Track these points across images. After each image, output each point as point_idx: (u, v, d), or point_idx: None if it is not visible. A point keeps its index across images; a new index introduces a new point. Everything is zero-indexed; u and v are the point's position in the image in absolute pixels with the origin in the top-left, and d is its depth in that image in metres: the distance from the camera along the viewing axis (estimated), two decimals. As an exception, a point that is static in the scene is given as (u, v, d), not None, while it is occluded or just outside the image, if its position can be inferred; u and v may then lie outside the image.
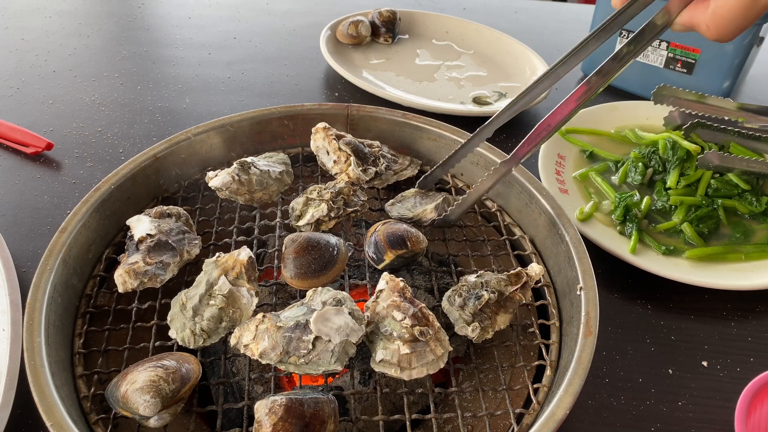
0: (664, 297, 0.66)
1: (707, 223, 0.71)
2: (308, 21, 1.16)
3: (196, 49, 1.05)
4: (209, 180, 0.61)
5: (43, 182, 0.74)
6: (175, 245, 0.54)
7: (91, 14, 1.13)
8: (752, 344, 0.62)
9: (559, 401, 0.45)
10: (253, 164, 0.62)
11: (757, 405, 0.49)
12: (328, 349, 0.45)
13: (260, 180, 0.61)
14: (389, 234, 0.55)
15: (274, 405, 0.41)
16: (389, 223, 0.57)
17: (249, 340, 0.46)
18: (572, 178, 0.78)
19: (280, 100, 0.93)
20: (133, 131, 0.84)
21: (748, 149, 0.77)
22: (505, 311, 0.52)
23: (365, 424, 0.51)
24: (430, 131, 0.69)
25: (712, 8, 0.43)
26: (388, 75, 1.00)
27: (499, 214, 0.65)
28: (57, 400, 0.43)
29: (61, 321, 0.51)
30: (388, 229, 0.55)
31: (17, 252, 0.64)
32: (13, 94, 0.89)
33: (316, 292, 0.49)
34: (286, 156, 0.67)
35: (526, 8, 1.32)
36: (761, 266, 0.67)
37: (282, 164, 0.65)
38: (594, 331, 0.49)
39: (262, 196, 0.61)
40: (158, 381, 0.43)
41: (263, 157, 0.66)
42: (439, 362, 0.47)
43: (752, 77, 1.06)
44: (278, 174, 0.63)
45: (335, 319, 0.46)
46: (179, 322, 0.49)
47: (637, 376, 0.58)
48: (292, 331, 0.46)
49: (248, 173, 0.61)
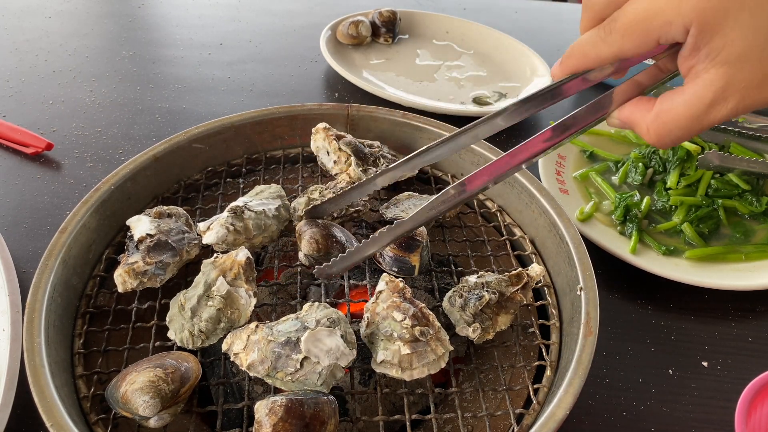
0: (664, 297, 0.66)
1: (707, 224, 0.71)
2: (308, 21, 1.16)
3: (196, 49, 1.05)
4: (202, 234, 0.55)
5: (43, 182, 0.74)
6: (175, 245, 0.54)
7: (91, 14, 1.13)
8: (752, 344, 0.62)
9: (559, 401, 0.45)
10: (246, 207, 0.56)
11: (757, 405, 0.49)
12: (316, 371, 0.44)
13: (257, 224, 0.56)
14: (398, 243, 0.55)
15: (274, 405, 0.41)
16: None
17: (239, 349, 0.46)
18: (572, 178, 0.78)
19: (280, 100, 0.93)
20: (133, 131, 0.84)
21: (748, 149, 0.77)
22: (506, 312, 0.52)
23: (365, 425, 0.50)
24: (430, 131, 0.69)
25: (656, 111, 0.39)
26: (389, 75, 1.00)
27: (499, 214, 0.65)
28: (57, 400, 0.43)
29: (61, 321, 0.51)
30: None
31: (17, 252, 0.64)
32: (13, 94, 0.89)
33: (312, 306, 0.48)
34: (279, 187, 0.62)
35: (526, 8, 1.32)
36: (761, 266, 0.67)
37: (277, 198, 0.60)
38: (594, 331, 0.49)
39: (263, 240, 0.57)
40: (158, 381, 0.43)
41: (255, 195, 0.60)
42: (440, 362, 0.47)
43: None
44: (275, 211, 0.58)
45: (327, 341, 0.45)
46: (178, 323, 0.49)
47: (638, 376, 0.58)
48: (282, 347, 0.45)
49: (242, 219, 0.55)
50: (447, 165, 0.70)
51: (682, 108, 0.37)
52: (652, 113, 0.39)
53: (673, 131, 0.38)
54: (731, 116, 0.37)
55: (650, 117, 0.39)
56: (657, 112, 0.39)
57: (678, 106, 0.38)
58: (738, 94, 0.36)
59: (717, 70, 0.35)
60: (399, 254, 0.55)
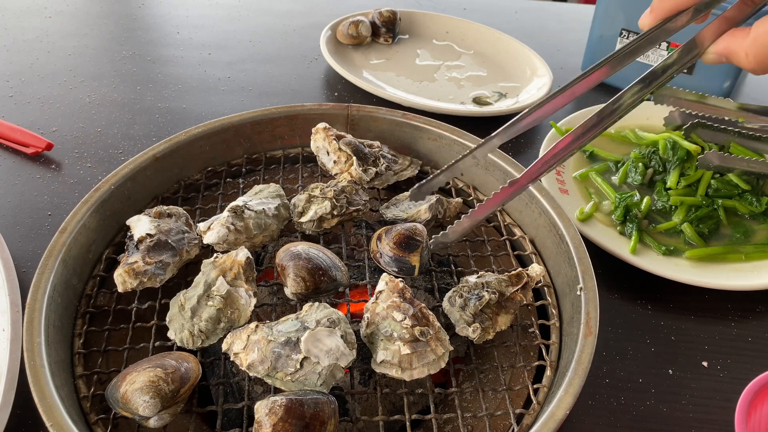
0: (664, 297, 0.66)
1: (707, 224, 0.71)
2: (308, 21, 1.16)
3: (196, 49, 1.05)
4: (202, 234, 0.55)
5: (43, 182, 0.74)
6: (175, 245, 0.54)
7: (91, 14, 1.13)
8: (752, 344, 0.62)
9: (559, 401, 0.45)
10: (246, 207, 0.56)
11: (757, 405, 0.49)
12: (316, 371, 0.44)
13: (257, 223, 0.56)
14: (397, 243, 0.55)
15: (274, 405, 0.41)
16: (384, 235, 0.57)
17: (239, 349, 0.46)
18: (572, 178, 0.78)
19: (280, 100, 0.93)
20: (133, 131, 0.83)
21: (748, 149, 0.77)
22: (506, 312, 0.52)
23: (365, 425, 0.51)
24: (430, 131, 0.69)
25: (753, 36, 0.40)
26: (389, 75, 1.00)
27: (499, 214, 0.65)
28: (57, 400, 0.43)
29: (61, 321, 0.51)
30: (391, 240, 0.55)
31: (17, 252, 0.64)
32: (13, 94, 0.89)
33: (312, 307, 0.48)
34: (278, 186, 0.62)
35: (526, 8, 1.32)
36: (761, 266, 0.67)
37: (276, 197, 0.60)
38: (594, 331, 0.49)
39: (263, 239, 0.57)
40: (158, 381, 0.43)
41: (254, 194, 0.60)
42: (440, 362, 0.47)
43: (752, 77, 1.06)
44: (275, 210, 0.58)
45: (326, 341, 0.45)
46: (178, 323, 0.49)
47: (638, 376, 0.58)
48: (282, 347, 0.45)
49: (243, 218, 0.55)
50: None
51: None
52: (749, 38, 0.40)
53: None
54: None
55: (747, 42, 0.40)
56: (754, 36, 0.40)
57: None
58: None
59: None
60: (399, 254, 0.55)
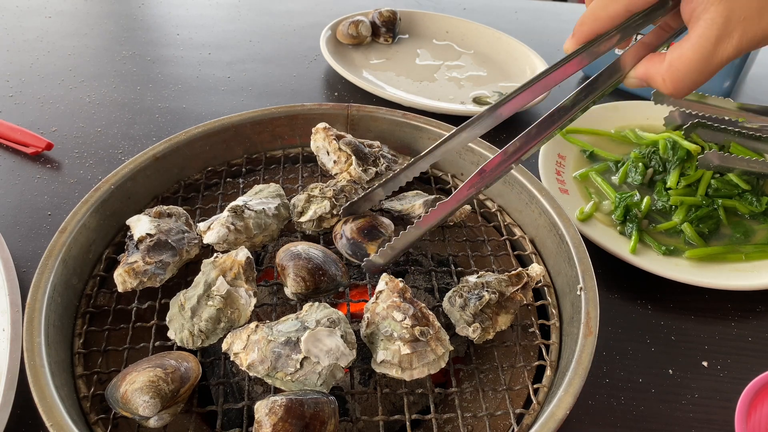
0: (664, 297, 0.66)
1: (707, 223, 0.71)
2: (308, 21, 1.16)
3: (196, 49, 1.05)
4: (202, 234, 0.55)
5: (43, 182, 0.74)
6: (175, 245, 0.54)
7: (91, 14, 1.13)
8: (752, 344, 0.62)
9: (559, 401, 0.45)
10: (246, 206, 0.56)
11: (757, 405, 0.49)
12: (316, 371, 0.44)
13: (257, 223, 0.56)
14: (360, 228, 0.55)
15: (274, 405, 0.41)
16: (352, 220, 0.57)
17: (239, 349, 0.46)
18: (572, 178, 0.78)
19: (280, 100, 0.93)
20: (133, 131, 0.83)
21: (748, 149, 0.77)
22: (506, 312, 0.52)
23: (365, 425, 0.50)
24: (430, 131, 0.69)
25: (668, 61, 0.41)
26: (389, 75, 1.00)
27: (499, 214, 0.65)
28: (57, 400, 0.43)
29: (61, 321, 0.51)
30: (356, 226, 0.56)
31: (17, 252, 0.64)
32: (14, 94, 0.89)
33: (313, 306, 0.48)
34: (278, 186, 0.62)
35: (526, 8, 1.32)
36: (761, 266, 0.67)
37: (276, 197, 0.60)
38: (594, 331, 0.49)
39: (263, 239, 0.57)
40: (157, 381, 0.43)
41: (254, 194, 0.60)
42: (440, 362, 0.47)
43: (752, 77, 1.06)
44: (274, 210, 0.58)
45: (327, 341, 0.45)
46: (178, 323, 0.49)
47: (638, 376, 0.58)
48: (282, 347, 0.45)
49: (243, 218, 0.55)
50: (447, 165, 0.70)
51: (690, 52, 0.40)
52: (665, 64, 0.42)
53: (688, 75, 0.41)
54: (739, 52, 0.39)
55: (663, 68, 0.42)
56: (669, 61, 0.41)
57: (687, 51, 0.40)
58: (740, 26, 0.38)
59: (716, 7, 0.38)
60: (357, 239, 0.55)
